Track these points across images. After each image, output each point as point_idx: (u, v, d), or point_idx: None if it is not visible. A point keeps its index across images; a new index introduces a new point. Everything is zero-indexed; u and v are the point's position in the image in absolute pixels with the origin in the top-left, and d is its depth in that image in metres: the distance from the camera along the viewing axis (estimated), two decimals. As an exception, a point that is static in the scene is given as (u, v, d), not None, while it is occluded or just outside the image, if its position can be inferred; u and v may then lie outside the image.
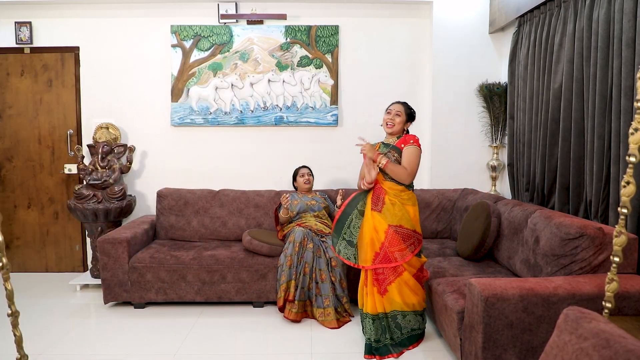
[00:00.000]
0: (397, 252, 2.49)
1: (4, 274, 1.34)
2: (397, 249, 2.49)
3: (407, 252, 2.51)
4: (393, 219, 2.52)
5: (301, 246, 2.95)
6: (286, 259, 2.96)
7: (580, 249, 2.13)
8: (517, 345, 1.90)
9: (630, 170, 1.51)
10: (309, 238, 3.00)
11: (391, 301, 2.51)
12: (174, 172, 3.96)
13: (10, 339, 1.52)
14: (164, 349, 2.56)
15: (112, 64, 3.89)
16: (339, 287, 2.92)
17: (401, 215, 2.53)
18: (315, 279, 2.92)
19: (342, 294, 2.93)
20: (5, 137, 3.95)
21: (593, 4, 2.50)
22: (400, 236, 2.50)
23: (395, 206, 2.54)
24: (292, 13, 3.86)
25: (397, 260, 2.49)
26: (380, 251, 2.51)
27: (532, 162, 3.16)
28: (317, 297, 2.91)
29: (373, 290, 2.52)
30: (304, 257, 2.93)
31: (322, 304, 2.88)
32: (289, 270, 2.93)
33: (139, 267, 3.10)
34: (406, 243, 2.51)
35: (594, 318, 1.10)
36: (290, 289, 2.91)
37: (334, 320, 2.83)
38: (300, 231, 3.00)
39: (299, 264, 2.94)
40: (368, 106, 3.93)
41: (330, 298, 2.87)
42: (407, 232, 2.52)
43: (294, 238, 2.98)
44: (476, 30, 3.78)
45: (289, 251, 2.96)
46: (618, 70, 2.27)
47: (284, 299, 2.93)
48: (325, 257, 2.95)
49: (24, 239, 4.03)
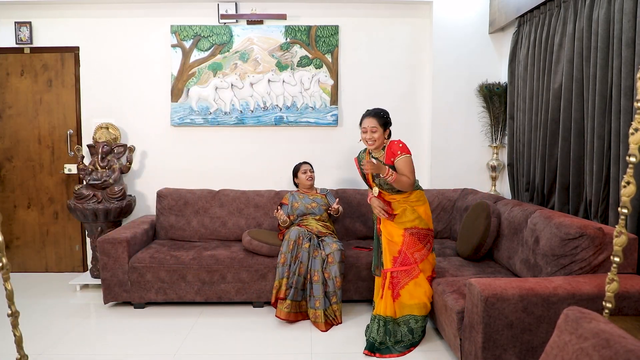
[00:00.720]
0: (416, 252, 2.60)
1: (4, 274, 1.34)
2: (415, 249, 2.60)
3: (425, 250, 2.62)
4: (407, 223, 2.62)
5: (296, 245, 2.95)
6: (280, 257, 2.96)
7: (580, 249, 2.13)
8: (517, 345, 1.90)
9: (630, 170, 1.51)
10: (305, 237, 2.99)
11: (402, 306, 2.56)
12: (174, 172, 3.96)
13: (10, 339, 1.52)
14: (164, 349, 2.56)
15: (112, 64, 3.89)
16: (332, 285, 2.89)
17: (414, 217, 2.62)
18: (310, 279, 2.92)
19: (333, 293, 2.88)
20: (5, 137, 3.95)
21: (593, 4, 2.50)
22: (416, 237, 2.61)
23: (407, 211, 2.63)
24: (292, 13, 3.86)
25: (417, 261, 2.59)
26: (399, 255, 2.59)
27: (532, 162, 3.16)
28: (310, 297, 2.91)
29: (387, 294, 2.57)
30: (300, 257, 2.92)
31: (314, 305, 2.87)
32: (282, 267, 2.93)
33: (138, 267, 3.10)
34: (423, 242, 2.62)
35: (594, 318, 1.10)
36: (282, 287, 2.89)
37: (322, 323, 2.82)
38: (296, 230, 3.00)
39: (293, 262, 2.93)
40: (368, 106, 3.85)
41: (320, 300, 2.86)
42: (422, 232, 2.63)
43: (289, 236, 2.99)
44: (476, 30, 3.78)
45: (284, 249, 2.96)
46: (618, 70, 2.27)
47: (275, 297, 2.92)
48: (322, 256, 2.94)
49: (23, 239, 4.03)
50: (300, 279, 2.91)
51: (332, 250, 2.93)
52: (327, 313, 2.86)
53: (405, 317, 2.56)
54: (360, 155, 2.81)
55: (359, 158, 2.80)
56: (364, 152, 2.79)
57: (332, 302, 2.90)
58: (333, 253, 2.92)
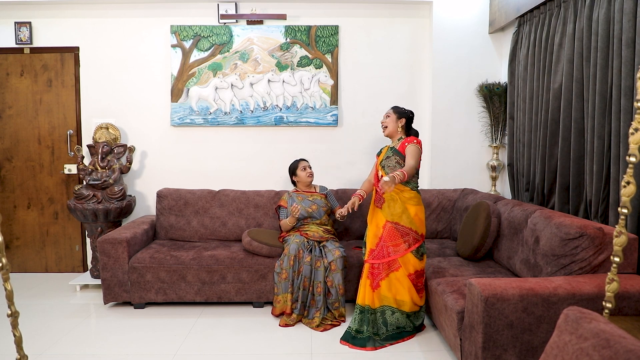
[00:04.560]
0: (391, 246, 2.62)
1: (4, 274, 1.34)
2: (392, 243, 2.62)
3: (402, 247, 2.62)
4: (392, 215, 2.66)
5: (296, 259, 2.94)
6: (281, 271, 2.95)
7: (580, 249, 2.13)
8: (517, 345, 1.90)
9: (630, 170, 1.51)
10: (305, 249, 2.97)
11: (381, 297, 2.62)
12: (174, 172, 3.96)
13: (10, 339, 1.52)
14: (164, 349, 2.56)
15: (112, 64, 3.89)
16: (334, 292, 2.89)
17: (400, 212, 2.65)
18: (312, 291, 2.92)
19: (335, 300, 2.89)
20: (5, 137, 3.95)
21: (593, 4, 2.50)
22: (398, 232, 2.63)
23: (396, 203, 2.67)
24: (292, 13, 3.86)
25: (390, 255, 2.60)
26: (377, 247, 2.65)
27: (532, 162, 3.16)
28: (309, 309, 2.90)
29: (366, 283, 2.65)
30: (302, 272, 2.91)
31: (313, 315, 2.87)
32: (285, 282, 2.92)
33: (138, 267, 3.10)
34: (403, 239, 2.63)
35: (594, 318, 1.10)
36: (287, 302, 2.89)
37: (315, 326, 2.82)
38: (295, 243, 2.98)
39: (296, 278, 2.92)
40: (368, 106, 3.93)
41: (321, 310, 2.86)
42: (405, 230, 2.64)
43: (288, 250, 2.96)
44: (476, 30, 3.78)
45: (284, 264, 2.95)
46: (618, 70, 2.27)
47: (280, 311, 2.93)
48: (324, 264, 2.93)
49: (23, 239, 4.03)
50: (305, 293, 2.90)
51: (335, 258, 2.92)
52: (323, 320, 2.86)
53: (383, 307, 2.61)
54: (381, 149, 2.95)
55: (379, 151, 2.94)
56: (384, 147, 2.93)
57: (334, 308, 2.91)
58: (336, 260, 2.91)
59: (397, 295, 2.61)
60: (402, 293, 2.61)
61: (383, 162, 2.79)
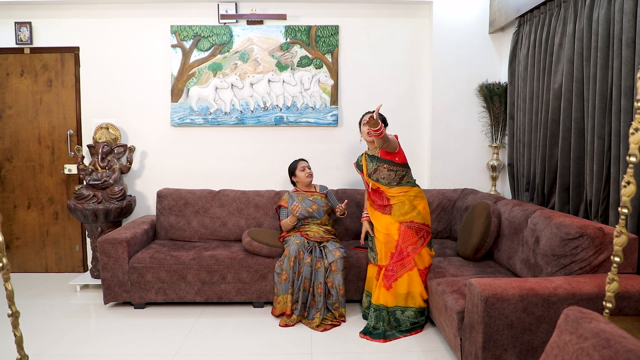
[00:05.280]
0: (410, 246, 2.73)
1: (4, 274, 1.34)
2: (409, 243, 2.74)
3: (419, 244, 2.75)
4: (404, 215, 2.77)
5: (296, 261, 2.94)
6: (282, 272, 2.95)
7: (580, 249, 2.13)
8: (517, 345, 1.90)
9: (631, 170, 1.51)
10: (305, 251, 2.97)
11: (396, 295, 2.71)
12: (174, 172, 3.96)
13: (10, 339, 1.52)
14: (164, 349, 2.56)
15: (112, 64, 3.89)
16: (335, 293, 2.90)
17: (411, 211, 2.78)
18: (313, 292, 2.92)
19: (336, 301, 2.90)
20: (5, 137, 3.95)
21: (593, 4, 2.50)
22: (412, 230, 2.75)
23: (405, 205, 2.79)
24: (292, 13, 3.86)
25: (409, 254, 2.71)
26: (396, 250, 2.75)
27: (532, 162, 3.16)
28: (309, 309, 2.90)
29: (380, 284, 2.74)
30: (303, 273, 2.91)
31: (313, 316, 2.88)
32: (285, 284, 2.93)
33: (139, 267, 3.10)
34: (418, 235, 2.75)
35: (595, 318, 1.10)
36: (287, 303, 2.89)
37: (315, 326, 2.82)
38: (295, 245, 2.98)
39: (297, 279, 2.92)
40: (368, 106, 3.91)
41: (321, 311, 2.87)
42: (419, 226, 2.77)
43: (288, 252, 2.96)
44: (476, 30, 3.78)
45: (285, 265, 2.95)
46: (618, 70, 2.27)
47: (281, 311, 2.94)
48: (324, 265, 2.93)
49: (23, 239, 4.03)
50: (305, 294, 2.91)
51: (335, 259, 2.92)
52: (326, 317, 2.87)
53: (396, 307, 2.72)
54: (358, 159, 3.03)
55: (358, 162, 3.03)
56: (361, 156, 3.02)
57: (334, 309, 2.91)
58: (336, 261, 2.92)
59: (409, 294, 2.71)
60: (414, 291, 2.71)
61: (375, 177, 2.86)
